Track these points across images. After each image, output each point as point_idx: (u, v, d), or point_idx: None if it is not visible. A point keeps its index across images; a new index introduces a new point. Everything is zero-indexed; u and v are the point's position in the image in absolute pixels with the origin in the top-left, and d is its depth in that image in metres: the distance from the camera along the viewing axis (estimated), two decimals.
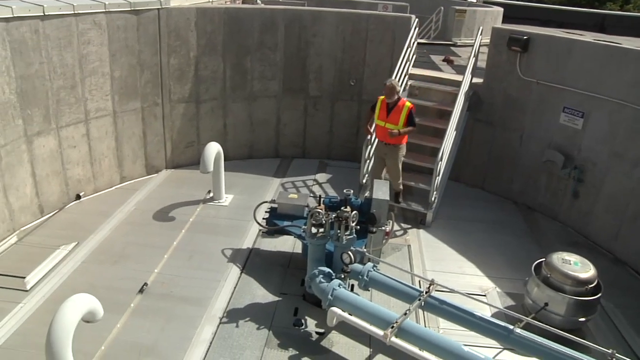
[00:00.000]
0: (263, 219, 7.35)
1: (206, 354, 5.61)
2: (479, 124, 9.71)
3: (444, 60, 11.81)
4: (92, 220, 8.11)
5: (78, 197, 8.72)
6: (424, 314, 6.26)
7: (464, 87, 8.92)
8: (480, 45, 9.63)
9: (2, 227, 7.46)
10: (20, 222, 7.82)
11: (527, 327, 5.04)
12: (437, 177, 8.42)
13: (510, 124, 9.28)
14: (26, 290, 6.45)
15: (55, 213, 8.33)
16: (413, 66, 9.99)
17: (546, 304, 6.03)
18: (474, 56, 9.31)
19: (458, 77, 9.55)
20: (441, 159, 8.27)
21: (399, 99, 8.13)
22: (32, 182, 7.91)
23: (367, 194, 8.37)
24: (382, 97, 8.18)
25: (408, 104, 8.07)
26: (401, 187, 8.65)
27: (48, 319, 4.49)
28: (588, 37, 8.94)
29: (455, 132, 8.96)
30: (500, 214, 9.12)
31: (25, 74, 7.42)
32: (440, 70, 10.84)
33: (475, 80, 9.51)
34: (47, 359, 4.36)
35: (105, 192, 9.13)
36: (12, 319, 5.98)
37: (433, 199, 8.51)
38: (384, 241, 6.99)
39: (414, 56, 9.92)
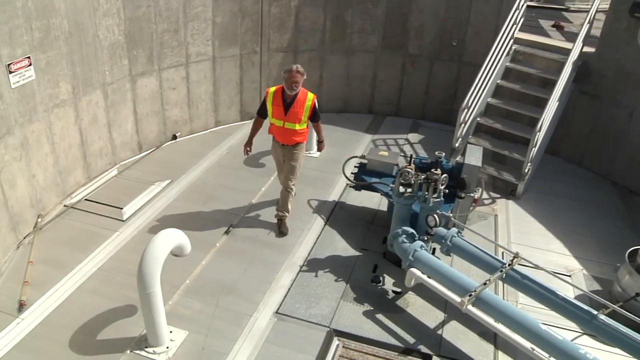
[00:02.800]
0: (351, 173, 7.37)
1: (284, 299, 5.80)
2: (584, 97, 9.13)
3: (553, 26, 11.10)
4: (186, 161, 8.46)
5: (174, 137, 9.10)
6: (503, 286, 6.14)
7: (573, 56, 8.36)
8: (596, 11, 8.96)
9: (105, 160, 7.97)
10: (121, 157, 8.30)
11: (613, 315, 4.77)
12: (533, 149, 8.06)
13: (620, 99, 8.64)
14: (123, 220, 6.91)
15: (153, 151, 8.75)
16: (519, 30, 9.48)
17: (637, 294, 5.69)
18: (589, 23, 8.67)
19: (567, 45, 8.96)
20: (539, 130, 7.89)
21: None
22: (133, 120, 8.33)
23: (458, 158, 8.16)
24: (273, 89, 6.50)
25: (311, 94, 6.50)
26: (290, 200, 6.84)
27: (141, 248, 4.77)
28: None
29: (557, 103, 8.49)
30: (596, 194, 8.59)
31: (133, 16, 7.71)
32: (548, 36, 10.20)
33: (586, 49, 8.90)
34: (138, 286, 4.66)
35: (199, 135, 9.47)
36: (109, 245, 6.45)
37: (526, 170, 8.18)
38: (471, 208, 6.87)
39: (522, 19, 9.37)
